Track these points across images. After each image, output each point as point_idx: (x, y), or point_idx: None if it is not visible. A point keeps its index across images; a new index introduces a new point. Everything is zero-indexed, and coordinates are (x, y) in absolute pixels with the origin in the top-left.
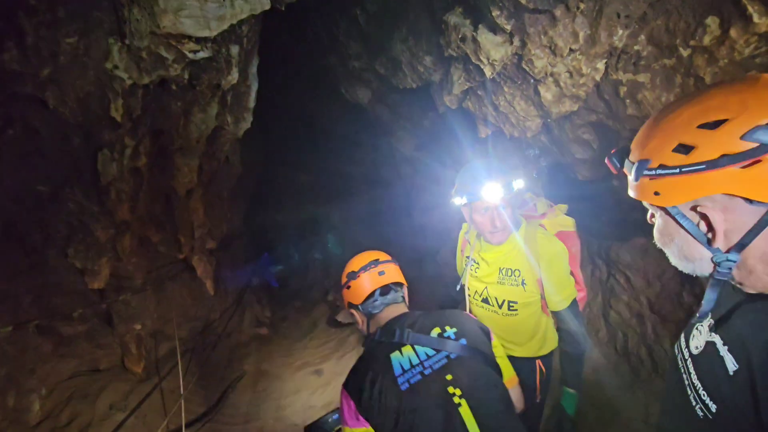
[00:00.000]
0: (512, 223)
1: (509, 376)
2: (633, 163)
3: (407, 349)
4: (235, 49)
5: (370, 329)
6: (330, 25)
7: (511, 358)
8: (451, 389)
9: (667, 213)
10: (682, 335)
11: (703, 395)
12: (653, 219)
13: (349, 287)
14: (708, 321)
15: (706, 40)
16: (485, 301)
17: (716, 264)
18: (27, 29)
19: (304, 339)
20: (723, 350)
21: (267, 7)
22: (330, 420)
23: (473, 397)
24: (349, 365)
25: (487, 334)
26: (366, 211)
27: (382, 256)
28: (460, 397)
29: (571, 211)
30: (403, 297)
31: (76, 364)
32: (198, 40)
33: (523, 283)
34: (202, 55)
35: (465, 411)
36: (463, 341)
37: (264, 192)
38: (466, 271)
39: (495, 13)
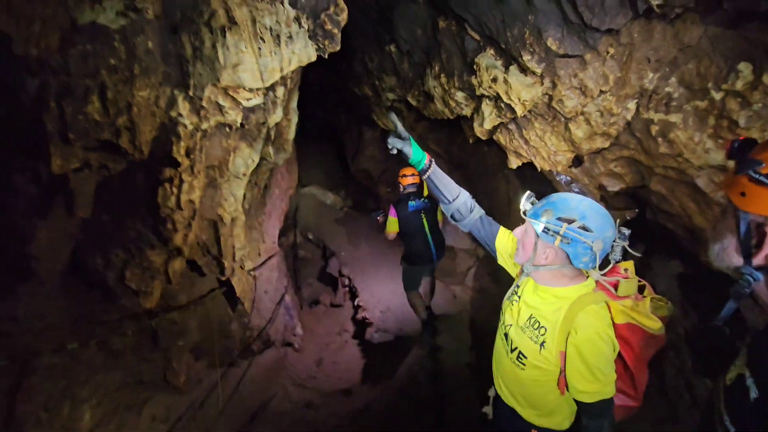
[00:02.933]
0: (527, 254)
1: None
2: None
3: (413, 200)
4: (280, 91)
5: (401, 194)
6: (364, 58)
7: (509, 409)
8: (422, 215)
9: (735, 215)
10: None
11: (726, 420)
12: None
13: (400, 179)
14: (743, 354)
15: (739, 85)
16: (505, 335)
17: (739, 276)
18: (108, 85)
19: (333, 358)
20: (749, 381)
21: (314, 58)
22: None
23: (428, 218)
24: (378, 386)
25: (436, 204)
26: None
27: (414, 171)
28: (425, 217)
29: None
30: (419, 187)
31: (123, 376)
32: (251, 90)
33: (542, 345)
34: (254, 102)
35: (424, 220)
36: (428, 203)
37: (296, 211)
38: (510, 292)
39: (526, 57)
